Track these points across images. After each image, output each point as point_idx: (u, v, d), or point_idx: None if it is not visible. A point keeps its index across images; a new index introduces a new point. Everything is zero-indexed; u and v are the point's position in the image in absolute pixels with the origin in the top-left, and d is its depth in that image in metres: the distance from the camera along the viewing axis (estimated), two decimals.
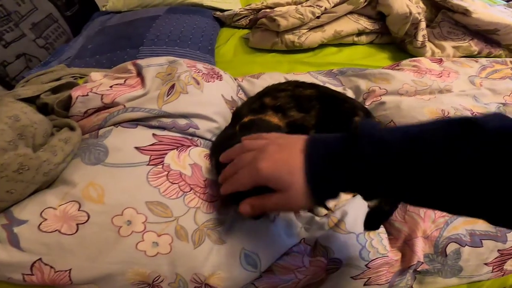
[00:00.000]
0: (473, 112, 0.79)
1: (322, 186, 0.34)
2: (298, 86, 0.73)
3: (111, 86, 0.68)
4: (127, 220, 0.51)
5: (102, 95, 0.66)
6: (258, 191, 0.39)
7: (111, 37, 1.22)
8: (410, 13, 1.12)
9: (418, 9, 1.16)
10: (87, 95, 0.66)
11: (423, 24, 1.14)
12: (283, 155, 0.36)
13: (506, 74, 1.01)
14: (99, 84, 0.70)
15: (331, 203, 0.62)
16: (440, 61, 1.04)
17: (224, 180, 0.43)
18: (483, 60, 1.08)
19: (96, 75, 0.75)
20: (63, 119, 0.68)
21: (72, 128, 0.64)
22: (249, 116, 0.65)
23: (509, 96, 0.89)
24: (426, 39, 1.15)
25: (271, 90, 0.74)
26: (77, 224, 0.50)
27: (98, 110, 0.66)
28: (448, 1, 1.19)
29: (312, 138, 0.37)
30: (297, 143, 0.36)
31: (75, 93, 0.66)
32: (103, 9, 1.55)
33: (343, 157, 0.33)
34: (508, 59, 1.10)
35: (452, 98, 0.84)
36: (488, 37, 1.20)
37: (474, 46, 1.17)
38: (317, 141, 0.36)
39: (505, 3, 1.59)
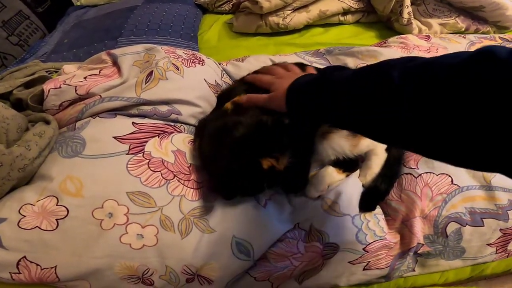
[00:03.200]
0: None
1: (292, 95, 0.51)
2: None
3: (85, 77, 0.65)
4: (108, 213, 0.48)
5: (76, 86, 0.62)
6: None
7: (88, 30, 1.18)
8: None
9: None
10: (60, 87, 0.63)
11: (407, 1, 1.12)
12: (287, 77, 0.57)
13: None
14: (72, 76, 0.66)
15: (321, 187, 0.60)
16: (427, 37, 1.02)
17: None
18: (471, 36, 1.06)
19: (69, 67, 0.72)
20: (38, 113, 0.65)
21: (47, 122, 0.62)
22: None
23: None
24: (412, 16, 1.13)
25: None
26: (57, 220, 0.48)
27: (73, 102, 0.63)
28: None
29: (304, 74, 0.57)
30: (297, 75, 0.56)
31: (47, 86, 0.63)
32: (78, 3, 1.50)
33: (308, 85, 0.50)
34: (497, 35, 1.08)
35: None
36: (474, 14, 1.18)
37: (461, 23, 1.15)
38: (305, 75, 0.55)
39: None
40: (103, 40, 1.06)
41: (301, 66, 0.74)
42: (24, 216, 0.48)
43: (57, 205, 0.48)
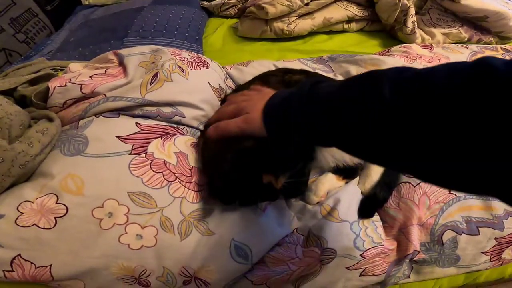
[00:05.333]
0: None
1: (270, 115, 0.46)
2: (287, 72, 0.72)
3: (91, 76, 0.65)
4: (108, 212, 0.48)
5: (81, 85, 0.62)
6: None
7: (95, 29, 1.18)
8: None
9: None
10: (65, 85, 0.63)
11: (412, 11, 1.13)
12: (259, 97, 0.50)
13: None
14: (78, 74, 0.67)
15: (320, 193, 0.60)
16: (430, 47, 1.03)
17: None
18: (474, 47, 1.07)
19: (76, 66, 0.72)
20: (41, 110, 0.66)
21: (50, 119, 0.61)
22: None
23: None
24: (416, 26, 1.14)
25: (261, 77, 0.72)
26: (55, 218, 0.47)
27: (77, 100, 0.63)
28: None
29: (279, 91, 0.50)
30: (270, 92, 0.50)
31: (53, 83, 0.63)
32: (86, 2, 1.51)
33: (288, 101, 0.44)
34: (498, 46, 1.10)
35: None
36: (477, 24, 1.19)
37: (464, 33, 1.16)
38: (280, 91, 0.49)
39: None
40: (109, 40, 1.07)
41: (305, 73, 0.75)
42: (22, 213, 0.47)
43: (56, 203, 0.48)
